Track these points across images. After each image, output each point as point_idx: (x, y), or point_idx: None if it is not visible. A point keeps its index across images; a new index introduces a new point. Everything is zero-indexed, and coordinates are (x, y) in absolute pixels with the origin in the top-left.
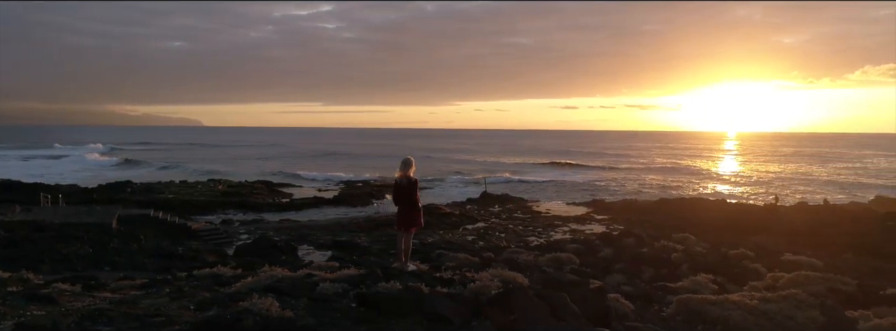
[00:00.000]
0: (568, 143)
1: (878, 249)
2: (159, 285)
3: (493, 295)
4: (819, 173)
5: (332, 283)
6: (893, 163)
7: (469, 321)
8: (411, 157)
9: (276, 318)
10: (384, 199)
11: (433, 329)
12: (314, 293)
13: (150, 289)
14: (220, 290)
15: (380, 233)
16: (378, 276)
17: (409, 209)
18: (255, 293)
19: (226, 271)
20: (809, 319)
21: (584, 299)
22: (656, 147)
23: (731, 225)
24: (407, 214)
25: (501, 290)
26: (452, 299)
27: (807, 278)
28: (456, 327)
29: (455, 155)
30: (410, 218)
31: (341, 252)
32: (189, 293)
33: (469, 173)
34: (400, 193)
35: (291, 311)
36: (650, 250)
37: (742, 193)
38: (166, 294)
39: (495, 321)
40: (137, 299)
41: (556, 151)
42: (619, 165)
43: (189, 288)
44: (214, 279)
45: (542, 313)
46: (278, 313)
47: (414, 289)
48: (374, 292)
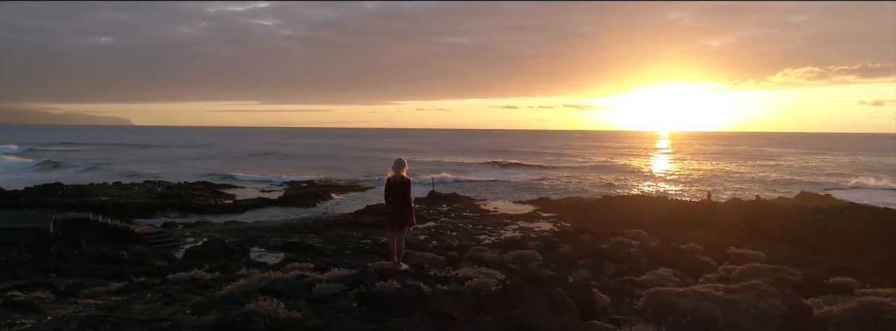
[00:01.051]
0: (509, 142)
1: (809, 241)
2: (139, 290)
3: (494, 291)
4: (746, 171)
5: (327, 283)
6: (812, 161)
7: (471, 317)
8: (403, 157)
9: (285, 319)
10: (331, 199)
11: (438, 326)
12: (311, 294)
13: (130, 294)
14: (213, 293)
15: (331, 233)
16: (372, 275)
17: (403, 208)
18: (257, 295)
19: (203, 274)
20: (771, 307)
21: (571, 293)
22: (594, 146)
23: (675, 221)
24: (400, 213)
25: (502, 286)
26: (453, 296)
27: (756, 269)
28: (460, 323)
29: (396, 155)
30: (403, 217)
31: (294, 254)
32: (180, 297)
33: (411, 173)
34: (393, 193)
35: (298, 312)
36: (609, 246)
37: (678, 191)
38: (158, 299)
39: (497, 316)
40: (126, 305)
41: (498, 151)
42: (560, 163)
43: (177, 292)
44: (194, 283)
45: (542, 307)
46: (286, 315)
47: (414, 287)
48: (374, 291)
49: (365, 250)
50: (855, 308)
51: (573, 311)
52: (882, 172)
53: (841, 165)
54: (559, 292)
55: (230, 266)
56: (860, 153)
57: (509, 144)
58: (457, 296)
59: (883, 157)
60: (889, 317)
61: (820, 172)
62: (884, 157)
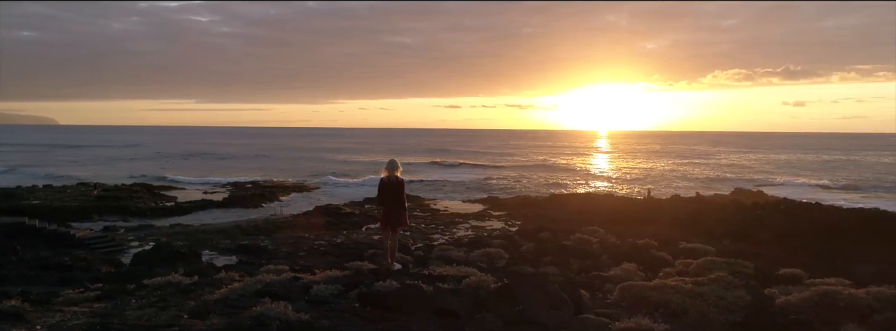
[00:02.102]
0: (453, 141)
1: (750, 235)
2: (120, 297)
3: (495, 288)
4: (682, 169)
5: (325, 285)
6: (742, 159)
7: (473, 314)
8: (396, 158)
9: (295, 321)
10: (278, 200)
11: (443, 324)
12: (310, 296)
13: (110, 301)
14: (206, 297)
15: (282, 235)
16: (367, 276)
17: (397, 209)
18: (254, 298)
19: (182, 278)
20: (738, 298)
21: (564, 290)
22: (537, 145)
23: (623, 218)
24: (393, 213)
25: (503, 283)
26: (455, 294)
27: (713, 263)
28: (464, 320)
29: (340, 154)
30: (397, 218)
31: (247, 256)
32: (173, 302)
33: (356, 174)
34: (387, 193)
35: (305, 314)
36: (571, 242)
37: (619, 189)
38: (150, 304)
39: (499, 313)
40: (117, 311)
41: (443, 150)
42: (505, 163)
43: (167, 297)
44: (176, 288)
45: (542, 302)
46: (295, 317)
47: (414, 286)
48: (375, 291)
49: (320, 251)
50: (811, 297)
51: (570, 306)
52: (806, 170)
53: (768, 162)
54: (556, 288)
55: (206, 270)
56: (784, 152)
57: (454, 143)
58: (458, 294)
59: (805, 155)
60: (842, 304)
61: (750, 169)
62: (806, 155)
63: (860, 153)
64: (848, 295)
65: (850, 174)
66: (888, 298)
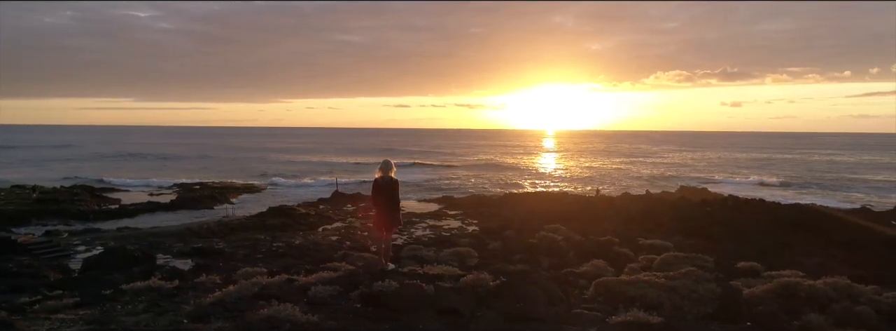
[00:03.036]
0: (403, 141)
1: (702, 230)
2: (102, 303)
3: (495, 286)
4: (628, 168)
5: (323, 286)
6: (685, 157)
7: (474, 312)
8: (390, 159)
9: (304, 322)
10: (228, 202)
11: (447, 322)
12: (309, 298)
13: (93, 308)
14: (200, 301)
15: (237, 237)
16: (362, 276)
17: (390, 209)
18: (254, 300)
19: (162, 283)
20: (708, 291)
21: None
22: (487, 145)
23: (578, 215)
24: (387, 214)
25: (503, 281)
26: (456, 292)
27: (675, 258)
28: (466, 317)
29: (288, 155)
30: (391, 218)
31: (203, 259)
32: (169, 307)
33: (306, 174)
34: (381, 194)
35: (313, 315)
36: (537, 240)
37: (569, 187)
38: (141, 310)
39: (499, 310)
40: (109, 318)
41: (394, 150)
42: (456, 162)
43: (159, 301)
44: (159, 293)
45: (542, 299)
46: (304, 318)
47: (415, 286)
48: (377, 291)
49: (279, 253)
50: (774, 288)
51: (566, 302)
52: (745, 168)
53: (710, 161)
54: (553, 286)
55: (185, 275)
56: (724, 150)
57: (404, 142)
58: (459, 292)
59: (743, 153)
60: (802, 294)
61: (692, 167)
62: (743, 153)
63: (793, 151)
64: (807, 286)
65: (785, 171)
66: (843, 288)
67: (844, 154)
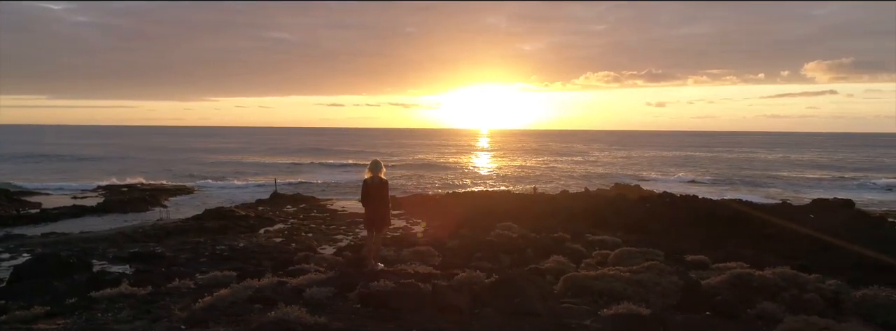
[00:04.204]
0: (338, 140)
1: (643, 226)
2: (78, 312)
3: (490, 283)
4: (563, 166)
5: (318, 287)
6: (616, 156)
7: (472, 309)
8: (379, 159)
9: (313, 324)
10: (163, 205)
11: (448, 319)
12: (305, 299)
13: (72, 316)
14: (189, 306)
15: (175, 241)
16: (353, 277)
17: (380, 209)
18: (249, 303)
19: (135, 290)
20: (672, 283)
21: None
22: (423, 144)
23: (523, 213)
24: (377, 214)
25: (498, 278)
26: (454, 290)
27: (628, 253)
28: (466, 314)
29: (219, 155)
30: (380, 218)
31: (144, 265)
32: (159, 313)
33: (240, 175)
34: (371, 194)
35: (321, 316)
36: (494, 238)
37: (507, 186)
38: (137, 316)
39: (497, 306)
40: (98, 326)
41: (327, 150)
42: (394, 162)
43: (149, 308)
44: (137, 299)
45: (535, 295)
46: (313, 320)
47: (412, 285)
48: (376, 291)
49: (224, 257)
50: (728, 279)
51: (555, 297)
52: (672, 166)
53: (640, 158)
54: (545, 282)
55: (156, 280)
56: (652, 149)
57: (339, 142)
58: (456, 290)
59: (669, 152)
60: (755, 284)
61: (623, 165)
62: (670, 152)
63: (714, 150)
64: (758, 276)
65: (710, 169)
66: (789, 277)
67: (761, 152)
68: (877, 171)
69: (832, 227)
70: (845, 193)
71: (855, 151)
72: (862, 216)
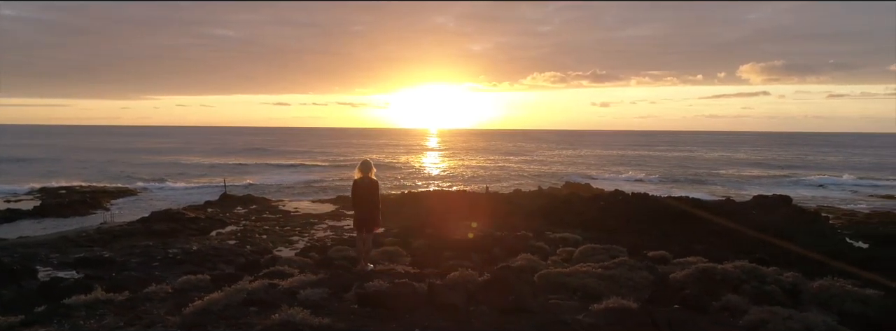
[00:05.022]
0: (285, 140)
1: (598, 223)
2: (52, 319)
3: (484, 281)
4: (513, 165)
5: (311, 289)
6: (564, 155)
7: (468, 307)
8: (369, 159)
9: (319, 326)
10: (107, 207)
11: (447, 317)
12: (300, 301)
13: (52, 324)
14: (179, 311)
15: (123, 245)
16: (344, 277)
17: (370, 210)
18: (244, 306)
19: (112, 296)
20: (643, 277)
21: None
22: (373, 143)
23: (481, 213)
24: (367, 214)
25: (492, 277)
26: (450, 288)
27: (592, 250)
28: (462, 313)
29: (161, 155)
30: (371, 218)
31: (93, 270)
32: (150, 319)
33: (184, 176)
34: (361, 195)
35: (324, 318)
36: (461, 237)
37: (459, 185)
38: (130, 322)
39: (491, 304)
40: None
41: (273, 150)
42: (344, 162)
43: (136, 314)
44: (113, 305)
45: (528, 292)
46: (318, 321)
47: (407, 285)
48: (373, 291)
49: (178, 260)
50: (693, 273)
51: (544, 294)
52: (619, 164)
53: (587, 157)
54: (533, 279)
55: (130, 285)
56: (598, 148)
57: (285, 142)
58: (451, 289)
59: (615, 150)
60: (719, 278)
61: (572, 164)
62: (616, 150)
63: (658, 149)
64: (721, 270)
65: (656, 167)
66: (750, 270)
67: (701, 150)
68: (808, 168)
69: (774, 222)
70: (781, 189)
71: (786, 149)
72: (799, 212)
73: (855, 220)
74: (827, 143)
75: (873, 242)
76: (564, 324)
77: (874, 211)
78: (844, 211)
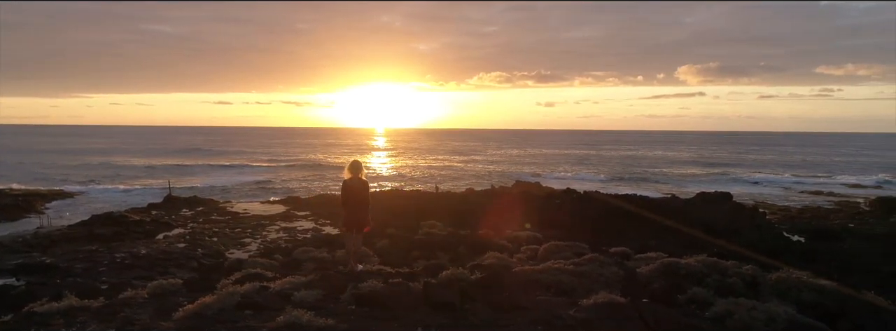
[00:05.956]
0: (228, 140)
1: (554, 221)
2: (34, 328)
3: (477, 279)
4: (461, 165)
5: (306, 290)
6: (511, 154)
7: (462, 305)
8: (359, 159)
9: (324, 327)
10: (42, 211)
11: (445, 315)
12: (294, 303)
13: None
14: (169, 316)
15: (64, 250)
16: (335, 278)
17: (360, 210)
18: (239, 310)
19: (88, 302)
20: (613, 273)
21: None
22: (319, 143)
23: (438, 212)
24: (357, 215)
25: (486, 274)
26: (445, 287)
27: (556, 246)
28: (457, 310)
29: (95, 156)
30: (360, 219)
31: (35, 277)
32: (142, 325)
33: (122, 178)
34: (351, 195)
35: (328, 319)
36: (423, 236)
37: (409, 185)
38: (119, 328)
39: (486, 301)
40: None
41: (216, 150)
42: (291, 161)
43: (118, 320)
44: (92, 312)
45: (521, 288)
46: (323, 322)
47: (401, 284)
48: (369, 292)
49: (126, 265)
50: (658, 268)
51: (536, 290)
52: (565, 163)
53: (534, 156)
54: (524, 276)
55: (101, 292)
56: (545, 147)
57: (227, 142)
58: (446, 287)
59: (561, 150)
60: (683, 272)
61: (520, 163)
62: (562, 150)
63: (602, 148)
64: (684, 264)
65: (602, 166)
66: (711, 264)
67: (642, 149)
68: (742, 166)
69: (719, 218)
70: (719, 186)
71: (722, 148)
72: (740, 208)
73: (789, 215)
74: (758, 142)
75: (808, 237)
76: (559, 318)
77: (806, 207)
78: (779, 207)
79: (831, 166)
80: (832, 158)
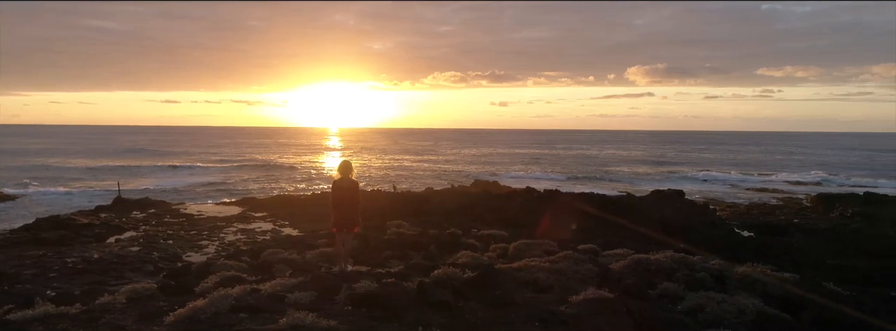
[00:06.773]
0: (176, 140)
1: (516, 220)
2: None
3: (470, 277)
4: (417, 165)
5: (299, 292)
6: (467, 153)
7: (457, 303)
8: (349, 160)
9: (327, 328)
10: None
11: (442, 314)
12: (290, 305)
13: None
14: (159, 321)
15: (9, 255)
16: (327, 279)
17: (350, 210)
18: (234, 313)
19: (66, 309)
20: (588, 270)
21: None
22: (271, 143)
23: (401, 211)
24: (347, 215)
25: (479, 273)
26: (440, 286)
27: (526, 245)
28: (453, 308)
29: (35, 157)
30: (351, 219)
31: None
32: (135, 329)
33: (64, 180)
34: (341, 195)
35: (331, 320)
36: (392, 236)
37: (368, 185)
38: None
39: (480, 299)
40: None
41: (166, 151)
42: (243, 161)
43: (102, 327)
44: (71, 319)
45: (513, 286)
46: (326, 323)
47: (395, 284)
48: (364, 292)
49: (79, 270)
50: (630, 264)
51: (528, 289)
52: (522, 162)
53: (490, 156)
54: (516, 274)
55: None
56: (499, 146)
57: (176, 141)
58: (440, 286)
59: (516, 149)
60: (653, 268)
61: (476, 163)
62: (517, 149)
63: (555, 147)
64: (654, 260)
65: (556, 165)
66: (679, 259)
67: (594, 149)
68: (690, 164)
69: (673, 215)
70: (670, 184)
71: (670, 147)
72: (692, 205)
73: (738, 212)
74: (705, 141)
75: (757, 232)
76: (553, 314)
77: (753, 203)
78: (728, 204)
79: (773, 164)
80: (774, 157)
